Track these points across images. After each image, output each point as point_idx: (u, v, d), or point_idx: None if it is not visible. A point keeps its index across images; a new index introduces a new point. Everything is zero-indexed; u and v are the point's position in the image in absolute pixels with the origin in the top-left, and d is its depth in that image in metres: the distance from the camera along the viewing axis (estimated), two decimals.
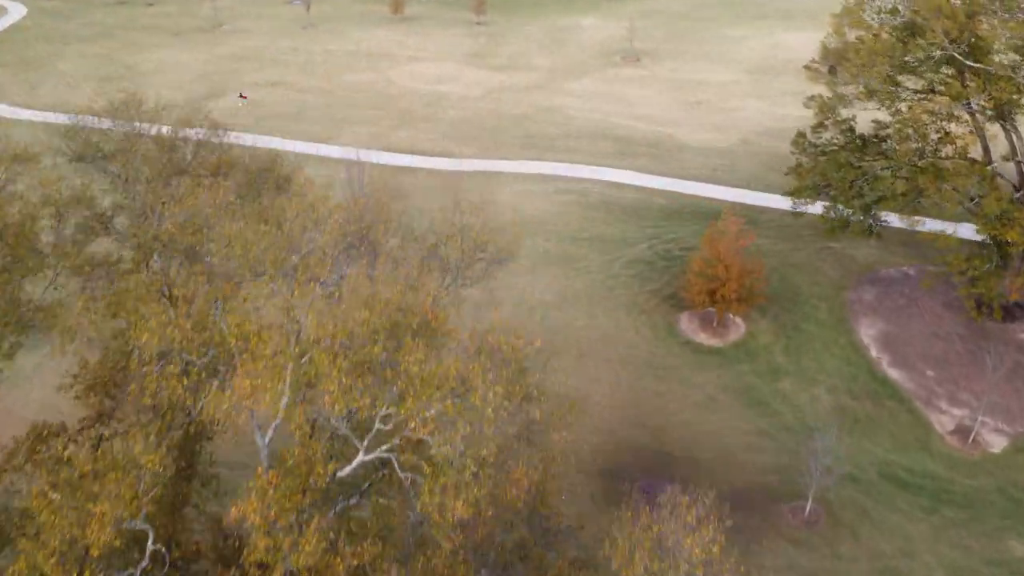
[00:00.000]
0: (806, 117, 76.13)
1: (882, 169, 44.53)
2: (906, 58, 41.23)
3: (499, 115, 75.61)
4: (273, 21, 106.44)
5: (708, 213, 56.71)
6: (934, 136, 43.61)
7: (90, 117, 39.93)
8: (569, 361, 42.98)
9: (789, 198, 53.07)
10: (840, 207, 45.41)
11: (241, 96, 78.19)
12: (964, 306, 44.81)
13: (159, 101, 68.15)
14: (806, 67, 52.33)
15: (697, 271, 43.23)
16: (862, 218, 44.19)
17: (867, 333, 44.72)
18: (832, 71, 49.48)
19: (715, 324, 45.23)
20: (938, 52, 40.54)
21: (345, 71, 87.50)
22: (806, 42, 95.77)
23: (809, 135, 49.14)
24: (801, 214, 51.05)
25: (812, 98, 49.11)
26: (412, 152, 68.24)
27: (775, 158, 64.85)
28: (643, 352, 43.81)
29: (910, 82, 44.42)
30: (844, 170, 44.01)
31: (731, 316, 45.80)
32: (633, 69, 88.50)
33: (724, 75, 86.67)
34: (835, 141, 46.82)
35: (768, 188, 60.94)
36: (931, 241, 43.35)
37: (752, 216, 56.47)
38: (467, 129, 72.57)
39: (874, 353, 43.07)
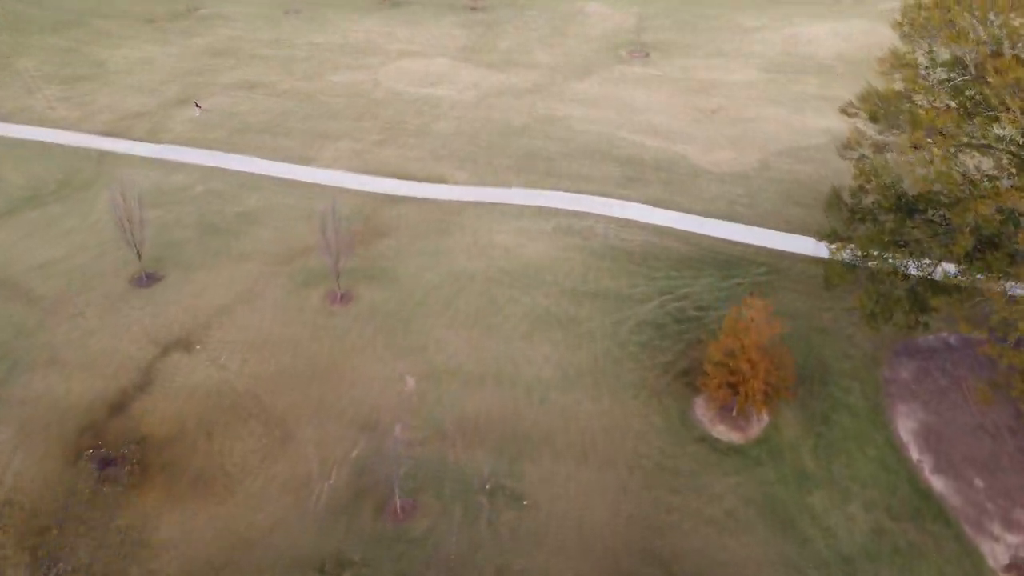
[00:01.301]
0: (829, 131, 70.21)
1: (931, 237, 38.90)
2: (978, 141, 35.47)
3: (495, 127, 69.06)
4: (254, 3, 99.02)
5: (726, 261, 51.30)
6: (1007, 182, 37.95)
7: None
8: (570, 465, 38.22)
9: (815, 240, 47.74)
10: (883, 286, 39.44)
11: (196, 105, 71.08)
12: (1014, 384, 39.91)
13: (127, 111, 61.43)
14: (843, 111, 46.13)
15: (716, 361, 38.15)
16: (907, 310, 38.32)
17: (906, 426, 39.73)
18: (875, 116, 43.47)
19: (734, 414, 40.37)
20: (1021, 136, 34.76)
21: (329, 70, 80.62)
22: (825, 35, 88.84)
23: (846, 197, 42.99)
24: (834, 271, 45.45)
25: (851, 149, 43.13)
26: (399, 176, 62.16)
27: (797, 186, 59.09)
28: (653, 450, 38.93)
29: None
30: (889, 248, 38.22)
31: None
32: (641, 67, 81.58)
33: (739, 74, 79.82)
34: (878, 205, 40.61)
35: (790, 226, 55.21)
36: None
37: (773, 264, 51.09)
38: (460, 146, 66.29)
39: (914, 455, 38.15)
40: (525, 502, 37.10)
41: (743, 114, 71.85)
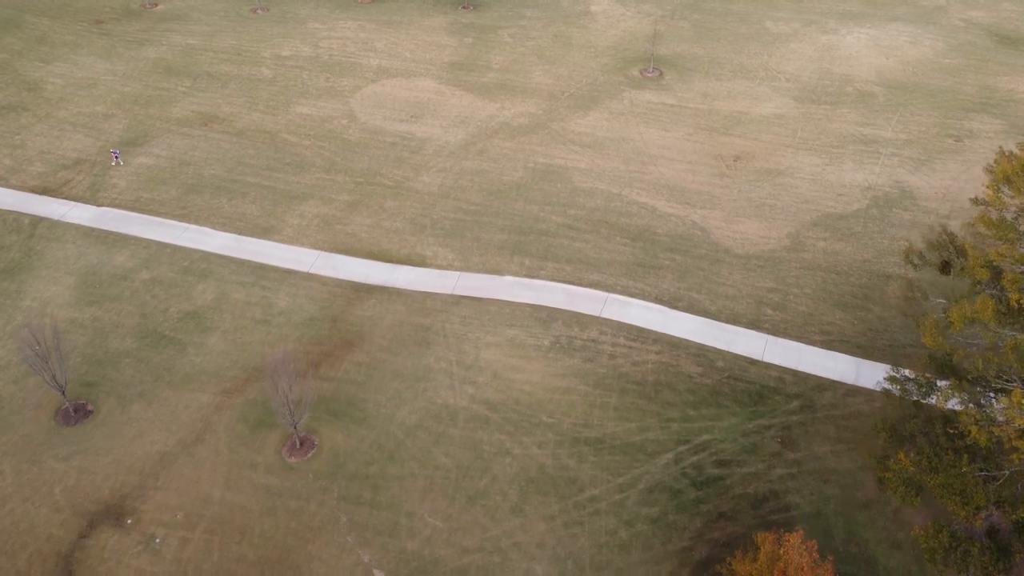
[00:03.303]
0: (870, 190, 60.52)
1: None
2: None
3: (486, 183, 59.62)
4: (215, 0, 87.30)
5: (752, 392, 43.74)
6: None
7: None
8: None
9: (854, 361, 40.16)
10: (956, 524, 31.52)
11: (114, 156, 61.08)
12: None
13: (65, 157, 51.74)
14: (907, 258, 37.32)
15: None
16: (982, 557, 30.67)
17: None
18: (946, 269, 35.06)
19: None
20: None
21: (296, 96, 70.61)
22: (864, 46, 78.41)
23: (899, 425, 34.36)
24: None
25: (896, 380, 34.20)
26: (373, 255, 53.74)
27: (835, 277, 51.00)
28: None
29: None
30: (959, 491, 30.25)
31: None
32: (654, 91, 71.71)
33: (767, 103, 70.10)
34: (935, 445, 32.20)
35: (827, 338, 47.40)
36: None
37: (807, 396, 43.61)
38: (444, 211, 57.04)
39: None
40: None
41: (771, 163, 62.69)
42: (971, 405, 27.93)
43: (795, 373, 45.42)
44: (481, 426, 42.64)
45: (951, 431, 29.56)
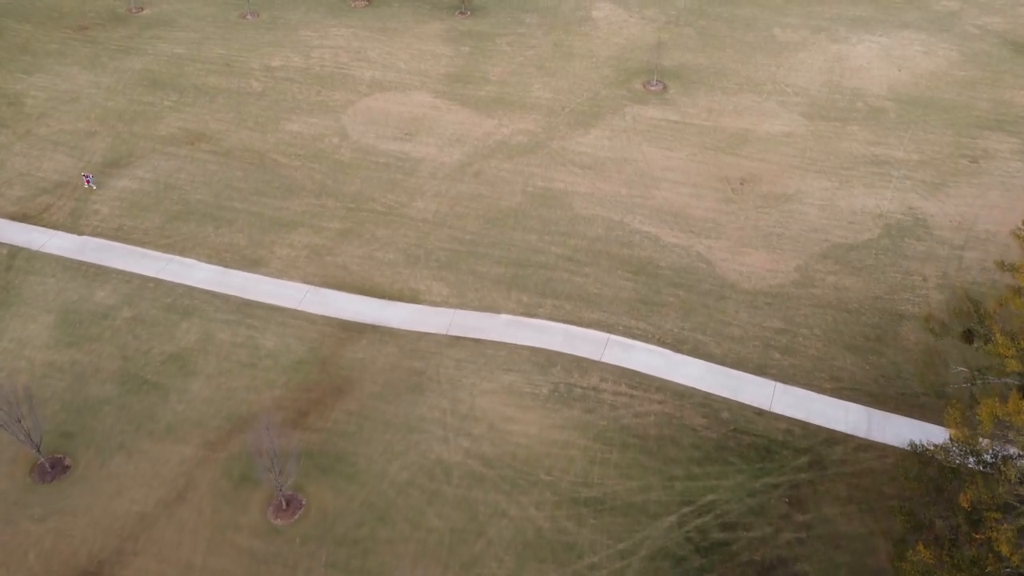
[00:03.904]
0: (881, 217, 58.18)
1: None
2: None
3: (482, 209, 57.27)
4: (204, 4, 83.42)
5: (759, 446, 41.80)
6: None
7: None
8: None
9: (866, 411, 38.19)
10: None
11: (85, 179, 58.54)
12: None
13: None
14: (927, 325, 35.12)
15: None
16: None
17: None
18: (968, 337, 32.97)
19: None
20: None
21: (286, 112, 67.94)
22: (876, 57, 75.68)
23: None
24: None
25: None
26: (364, 290, 51.55)
27: (846, 316, 48.95)
28: None
29: None
30: None
31: None
32: (657, 106, 69.12)
33: (775, 120, 67.55)
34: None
35: (838, 385, 45.43)
36: None
37: (817, 451, 41.72)
38: (439, 240, 54.74)
39: None
40: None
41: (779, 187, 60.27)
42: (1005, 523, 26.03)
43: (804, 425, 43.55)
44: (476, 484, 40.85)
45: (978, 536, 27.75)
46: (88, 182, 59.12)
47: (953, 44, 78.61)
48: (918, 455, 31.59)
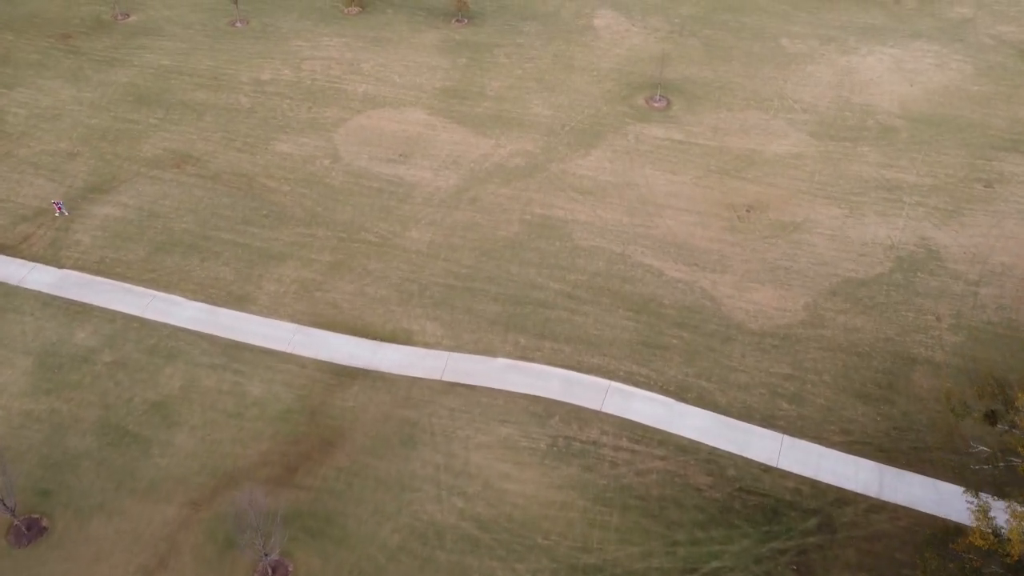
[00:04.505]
0: (893, 249, 56.00)
1: None
2: None
3: (479, 239, 55.02)
4: (192, 11, 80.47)
5: (765, 507, 40.09)
6: None
7: None
8: None
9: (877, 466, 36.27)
10: None
11: (56, 206, 56.23)
12: None
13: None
14: (949, 405, 33.23)
15: None
16: None
17: None
18: (991, 418, 31.10)
19: None
20: None
21: (276, 131, 65.23)
22: (886, 70, 72.92)
23: None
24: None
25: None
26: (355, 330, 49.42)
27: (857, 359, 47.03)
28: None
29: None
30: None
31: None
32: (661, 124, 66.58)
33: (782, 139, 65.04)
34: None
35: (849, 438, 43.54)
36: None
37: (827, 512, 39.94)
38: (433, 274, 52.59)
39: None
40: None
41: (787, 214, 57.84)
42: None
43: (813, 484, 41.76)
44: (471, 549, 39.18)
45: None
46: (59, 209, 56.90)
47: (967, 56, 75.86)
48: (937, 547, 29.90)
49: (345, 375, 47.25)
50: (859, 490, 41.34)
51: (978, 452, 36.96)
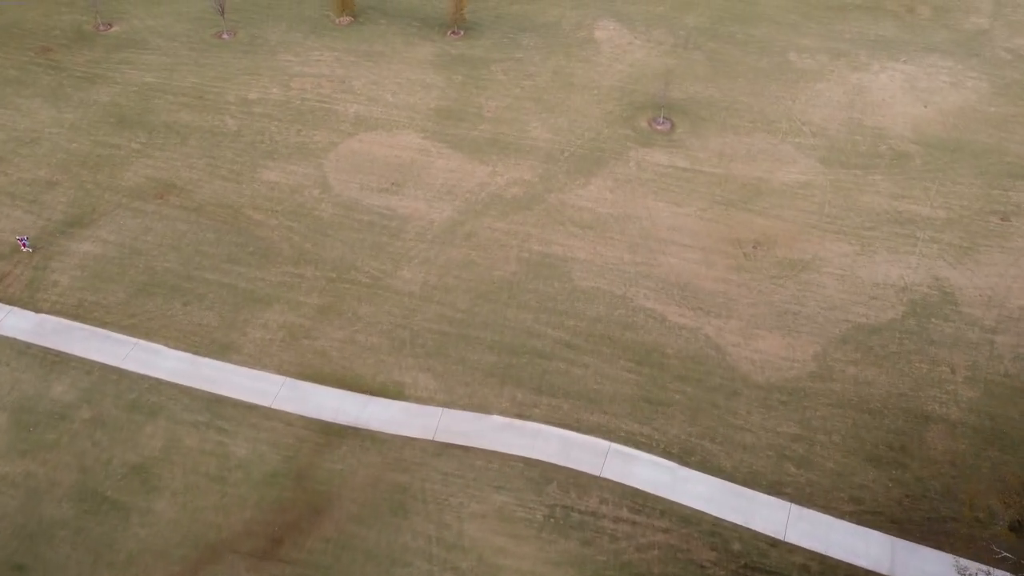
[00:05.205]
0: (906, 291, 53.85)
1: None
2: None
3: (474, 280, 52.67)
4: (177, 20, 77.20)
5: None
6: None
7: None
8: None
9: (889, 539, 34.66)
10: None
11: (20, 242, 53.74)
12: None
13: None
14: (975, 515, 31.36)
15: None
16: None
17: None
18: (1017, 529, 29.15)
19: None
20: None
21: (263, 157, 62.51)
22: (899, 90, 70.26)
23: None
24: None
25: None
26: (344, 383, 47.22)
27: (866, 419, 45.05)
28: None
29: None
30: None
31: None
32: (664, 149, 63.90)
33: (791, 167, 62.36)
34: None
35: (859, 508, 41.45)
36: None
37: None
38: (426, 319, 50.32)
39: None
40: None
41: (795, 251, 55.34)
42: None
43: (822, 559, 39.92)
44: None
45: None
46: (24, 245, 54.53)
47: (983, 72, 72.86)
48: None
49: (334, 433, 45.29)
50: (870, 567, 39.52)
51: (1002, 559, 35.19)
